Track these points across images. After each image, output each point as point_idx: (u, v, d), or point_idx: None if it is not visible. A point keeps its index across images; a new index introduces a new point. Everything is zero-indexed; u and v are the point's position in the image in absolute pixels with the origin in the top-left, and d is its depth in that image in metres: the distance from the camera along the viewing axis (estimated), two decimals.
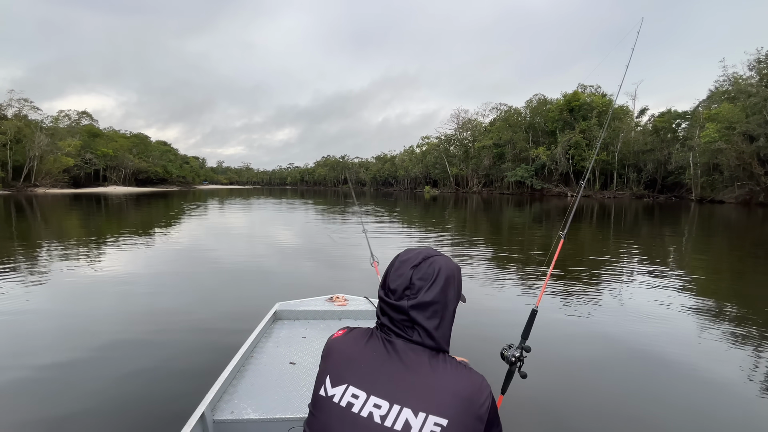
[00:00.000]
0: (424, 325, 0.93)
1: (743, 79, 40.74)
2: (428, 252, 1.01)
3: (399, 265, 0.99)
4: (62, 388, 3.13)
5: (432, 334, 0.93)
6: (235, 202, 34.39)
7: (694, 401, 3.11)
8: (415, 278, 0.95)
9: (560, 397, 3.15)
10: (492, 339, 4.31)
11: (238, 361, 2.27)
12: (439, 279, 0.96)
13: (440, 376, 0.88)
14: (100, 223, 16.49)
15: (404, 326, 0.94)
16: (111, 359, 3.62)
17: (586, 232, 15.39)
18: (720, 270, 8.70)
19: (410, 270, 0.96)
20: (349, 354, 0.96)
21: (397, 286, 0.96)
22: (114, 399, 2.95)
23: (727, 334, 4.56)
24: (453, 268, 1.01)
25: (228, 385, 2.10)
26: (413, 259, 0.98)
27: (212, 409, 1.86)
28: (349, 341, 0.99)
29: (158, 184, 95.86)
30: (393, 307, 0.95)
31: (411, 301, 0.93)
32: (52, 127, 66.68)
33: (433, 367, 0.89)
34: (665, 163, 49.74)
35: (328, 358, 0.99)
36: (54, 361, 3.58)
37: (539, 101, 66.12)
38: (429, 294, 0.94)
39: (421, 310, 0.93)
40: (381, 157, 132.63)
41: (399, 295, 0.95)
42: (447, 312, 0.97)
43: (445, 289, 0.97)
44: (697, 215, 24.50)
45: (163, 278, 6.85)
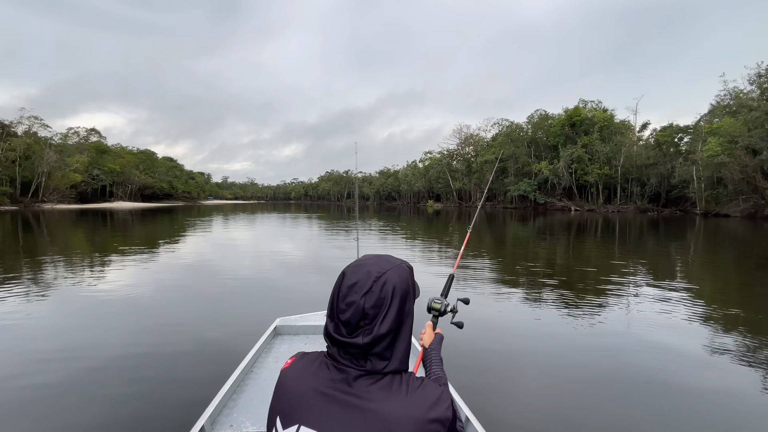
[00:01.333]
0: (381, 355, 0.84)
1: (744, 94, 40.99)
2: (378, 267, 0.88)
3: (347, 291, 0.85)
4: (63, 400, 3.15)
5: (389, 363, 0.85)
6: (239, 217, 34.59)
7: (702, 415, 3.08)
8: (368, 307, 0.83)
9: (565, 408, 3.14)
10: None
11: (238, 376, 2.30)
12: (395, 301, 0.85)
13: (396, 405, 0.80)
14: (107, 238, 16.63)
15: (357, 357, 0.84)
16: (112, 372, 3.65)
17: (591, 245, 15.34)
18: (727, 285, 8.63)
19: (361, 298, 0.83)
20: (297, 389, 0.86)
21: (348, 318, 0.83)
22: (113, 412, 2.96)
23: (735, 348, 4.52)
24: (406, 278, 0.90)
25: (228, 399, 2.12)
26: (362, 283, 0.85)
27: (212, 423, 1.88)
28: (297, 374, 0.89)
29: (164, 200, 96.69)
30: (347, 345, 0.83)
31: (367, 337, 0.82)
32: (61, 143, 67.74)
33: (389, 396, 0.81)
34: (669, 177, 49.65)
35: (276, 395, 0.89)
36: (56, 375, 3.60)
37: (541, 116, 66.61)
38: (385, 324, 0.83)
39: (378, 342, 0.83)
40: (384, 171, 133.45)
41: (352, 328, 0.83)
42: (405, 330, 0.88)
43: (401, 309, 0.86)
44: (703, 229, 24.35)
45: (166, 293, 6.89)
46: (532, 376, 3.80)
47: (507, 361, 4.16)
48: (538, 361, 4.12)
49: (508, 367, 4.00)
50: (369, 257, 0.92)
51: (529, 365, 4.04)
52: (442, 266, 9.91)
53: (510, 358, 4.22)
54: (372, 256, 0.93)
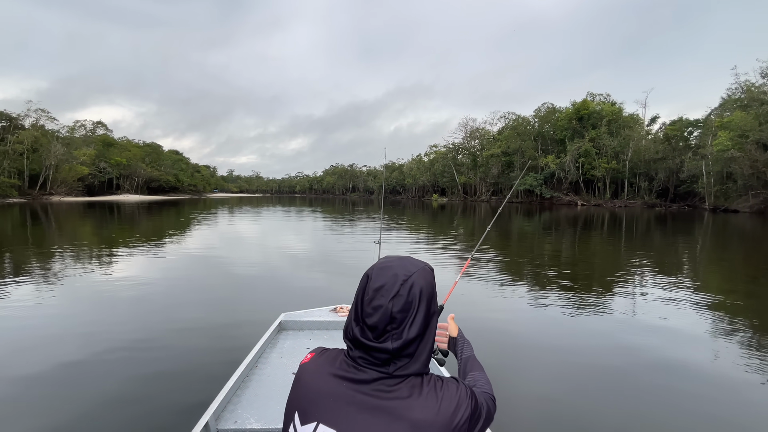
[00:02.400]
0: (407, 359, 0.83)
1: (756, 87, 40.31)
2: (404, 270, 0.86)
3: (373, 295, 0.83)
4: (68, 392, 3.18)
5: (412, 365, 0.83)
6: (244, 211, 34.74)
7: (710, 409, 3.05)
8: (396, 311, 0.81)
9: (572, 401, 3.12)
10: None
11: (242, 372, 2.30)
12: (422, 305, 0.84)
13: (416, 408, 0.78)
14: (115, 230, 16.78)
15: (382, 361, 0.82)
16: (116, 365, 3.68)
17: (597, 240, 15.23)
18: (734, 280, 8.54)
19: (389, 302, 0.81)
20: (317, 386, 0.85)
21: (376, 323, 0.81)
22: (118, 406, 2.97)
23: (742, 341, 4.47)
24: (430, 280, 0.88)
25: (232, 395, 2.12)
26: (389, 286, 0.83)
27: (216, 419, 1.88)
28: (319, 369, 0.87)
29: (170, 193, 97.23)
30: (375, 349, 0.81)
31: (396, 342, 0.81)
32: (68, 136, 68.32)
33: (410, 399, 0.80)
34: (677, 172, 49.09)
35: (296, 389, 0.88)
36: (62, 365, 3.65)
37: (548, 110, 65.95)
38: (414, 328, 0.82)
39: (407, 347, 0.82)
40: (389, 165, 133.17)
41: (380, 333, 0.81)
42: (429, 333, 0.87)
43: (428, 312, 0.85)
44: (711, 225, 24.09)
45: (172, 286, 6.94)
46: (537, 367, 3.79)
47: (511, 352, 4.14)
48: (542, 353, 4.10)
49: (513, 359, 3.98)
50: (392, 259, 0.90)
51: (533, 357, 4.03)
52: (445, 267, 9.89)
53: (515, 350, 4.21)
54: (395, 258, 0.91)
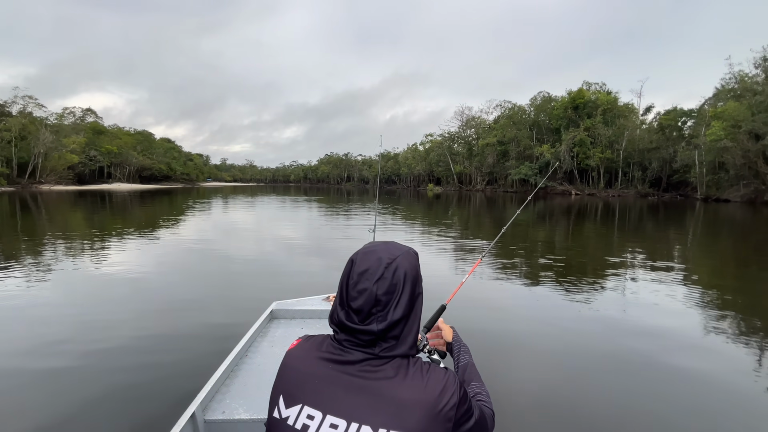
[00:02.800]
0: (393, 340, 0.84)
1: (749, 77, 40.40)
2: (388, 253, 0.88)
3: (358, 279, 0.85)
4: (54, 383, 3.13)
5: (398, 347, 0.85)
6: (238, 200, 34.49)
7: (699, 400, 3.10)
8: (381, 293, 0.83)
9: (567, 389, 3.15)
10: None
11: (232, 361, 2.26)
12: (407, 287, 0.86)
13: (402, 387, 0.80)
14: (106, 220, 16.59)
15: (368, 343, 0.84)
16: (103, 354, 3.63)
17: (590, 229, 15.34)
18: (725, 269, 8.65)
19: (374, 285, 0.83)
20: (303, 369, 0.86)
21: (361, 306, 0.83)
22: (102, 396, 2.91)
23: (730, 328, 4.54)
24: (414, 263, 0.91)
25: (221, 384, 2.08)
26: (374, 269, 0.85)
27: (203, 409, 1.85)
28: (304, 354, 0.89)
29: (162, 181, 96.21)
30: (360, 332, 0.83)
31: (381, 323, 0.82)
32: (56, 124, 66.96)
33: (395, 378, 0.81)
34: (670, 162, 49.35)
35: (281, 375, 0.89)
36: (49, 357, 3.61)
37: (544, 99, 65.73)
38: (398, 309, 0.84)
39: (392, 328, 0.83)
40: (384, 154, 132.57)
41: (365, 316, 0.83)
42: (415, 315, 0.88)
43: (413, 294, 0.87)
44: (703, 214, 24.35)
45: (163, 276, 6.88)
46: (531, 355, 3.82)
47: (505, 339, 4.17)
48: (537, 341, 4.13)
49: (507, 346, 4.01)
50: (377, 244, 0.92)
51: (527, 344, 4.05)
52: (445, 261, 9.89)
53: (509, 337, 4.23)
54: (380, 243, 0.93)
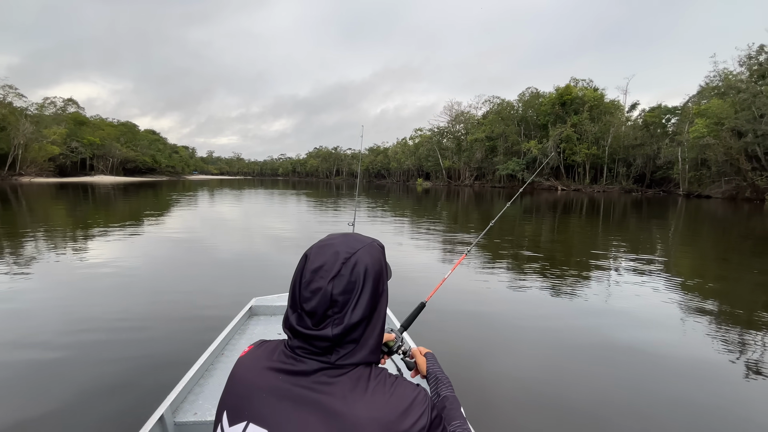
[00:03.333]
0: (351, 345, 0.73)
1: (733, 75, 41.18)
2: (347, 247, 0.76)
3: (311, 277, 0.73)
4: (18, 382, 3.03)
5: (358, 352, 0.73)
6: (225, 193, 34.04)
7: (683, 391, 3.14)
8: (337, 293, 0.71)
9: (551, 381, 3.17)
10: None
11: (206, 360, 2.18)
12: (367, 284, 0.74)
13: (359, 403, 0.69)
14: (88, 212, 16.19)
15: (323, 350, 0.72)
16: (74, 350, 3.52)
17: (575, 224, 15.53)
18: (704, 265, 8.83)
19: (329, 284, 0.71)
20: (250, 381, 0.75)
21: (314, 308, 0.71)
22: (69, 394, 2.80)
23: (710, 319, 4.63)
24: (378, 258, 0.79)
25: (194, 384, 2.01)
26: (329, 266, 0.73)
27: (173, 411, 1.78)
28: (253, 363, 0.78)
29: (146, 174, 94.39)
30: (314, 338, 0.71)
31: (337, 327, 0.71)
32: (37, 114, 64.97)
33: (353, 393, 0.70)
34: (654, 158, 50.25)
35: (227, 387, 0.79)
36: (17, 353, 3.49)
37: (532, 95, 66.08)
38: (357, 311, 0.72)
39: (350, 332, 0.72)
40: (374, 148, 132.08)
41: (319, 319, 0.71)
42: (378, 316, 0.77)
43: (375, 292, 0.75)
44: (684, 210, 24.86)
45: (143, 268, 6.74)
46: (516, 347, 3.83)
47: (490, 333, 4.18)
48: (521, 334, 4.15)
49: (492, 339, 4.02)
50: (335, 236, 0.81)
51: (512, 337, 4.07)
52: (429, 255, 9.90)
53: (494, 330, 4.24)
54: (338, 235, 0.81)
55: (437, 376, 1.06)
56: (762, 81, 36.69)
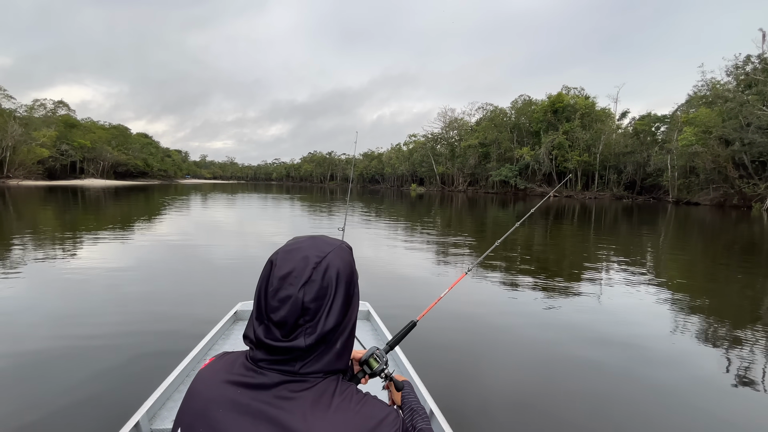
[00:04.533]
0: (321, 346, 0.68)
1: (721, 85, 42.01)
2: (316, 250, 0.71)
3: (279, 284, 0.67)
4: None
5: (324, 361, 0.68)
6: (218, 197, 33.78)
7: (676, 394, 3.15)
8: (308, 300, 0.66)
9: (543, 389, 3.16)
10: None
11: (187, 365, 2.13)
12: (340, 289, 0.69)
13: (320, 421, 0.63)
14: (77, 217, 15.96)
15: (288, 360, 0.67)
16: (55, 359, 3.43)
17: (567, 230, 15.65)
18: (693, 270, 8.93)
19: (299, 291, 0.66)
20: (209, 395, 0.70)
21: (284, 318, 0.66)
22: (42, 403, 2.71)
23: (704, 325, 4.67)
24: (348, 260, 0.75)
25: (173, 390, 1.96)
26: (299, 271, 0.68)
27: (150, 418, 1.74)
28: (213, 376, 0.72)
29: (138, 178, 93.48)
30: (284, 350, 0.66)
31: (310, 337, 0.66)
32: (26, 116, 64.21)
33: (314, 409, 0.64)
34: (644, 165, 50.97)
35: (184, 403, 0.73)
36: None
37: (524, 102, 66.83)
38: (331, 317, 0.67)
39: (324, 341, 0.67)
40: (368, 154, 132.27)
41: (290, 329, 0.66)
42: (350, 321, 0.73)
43: (348, 298, 0.71)
44: (674, 217, 25.19)
45: (130, 273, 6.63)
46: (508, 354, 3.82)
47: (483, 339, 4.16)
48: (514, 341, 4.14)
49: (484, 346, 4.00)
50: (301, 239, 0.76)
51: (505, 344, 4.06)
52: (423, 268, 9.88)
53: (486, 337, 4.23)
54: (305, 238, 0.76)
55: (412, 407, 0.97)
56: (748, 90, 37.45)
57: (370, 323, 3.14)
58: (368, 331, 2.97)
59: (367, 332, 2.95)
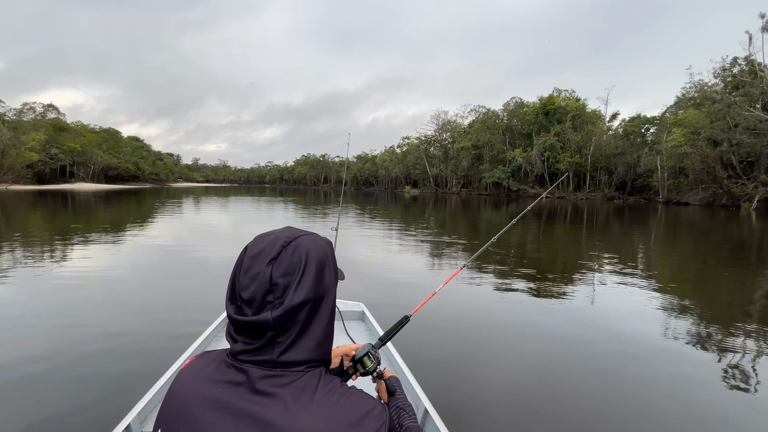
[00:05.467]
0: (295, 330, 0.68)
1: (708, 86, 42.68)
2: (287, 234, 0.73)
3: (249, 263, 0.69)
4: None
5: (304, 343, 0.69)
6: (210, 200, 33.55)
7: (672, 393, 3.19)
8: (277, 275, 0.67)
9: (540, 388, 3.19)
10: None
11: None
12: (310, 266, 0.70)
13: (303, 415, 0.63)
14: (68, 221, 15.76)
15: (264, 346, 0.67)
16: (45, 359, 3.40)
17: (560, 230, 15.77)
18: (685, 271, 9.06)
19: (267, 266, 0.67)
20: (189, 395, 0.70)
21: (253, 293, 0.67)
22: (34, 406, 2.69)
23: (699, 323, 4.74)
24: (323, 246, 0.76)
25: (164, 393, 1.95)
26: (268, 250, 0.69)
27: (142, 420, 1.72)
28: (191, 376, 0.72)
29: (129, 182, 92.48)
30: (253, 325, 0.66)
31: (277, 309, 0.66)
32: (15, 120, 63.33)
33: (297, 403, 0.64)
34: (635, 166, 51.57)
35: (164, 404, 0.74)
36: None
37: (516, 104, 67.34)
38: (300, 292, 0.67)
39: (292, 316, 0.67)
40: (362, 156, 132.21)
41: (259, 305, 0.66)
42: (326, 306, 0.73)
43: (320, 277, 0.71)
44: (664, 216, 25.50)
45: (120, 277, 6.57)
46: (504, 354, 3.85)
47: (478, 340, 4.19)
48: (509, 340, 4.17)
49: (479, 347, 4.03)
50: (276, 229, 0.78)
51: (500, 344, 4.09)
52: (418, 266, 9.91)
53: (482, 338, 4.25)
54: (280, 228, 0.78)
55: (398, 405, 0.96)
56: (736, 92, 38.10)
57: (365, 323, 3.14)
58: (363, 331, 2.97)
59: (361, 332, 2.95)
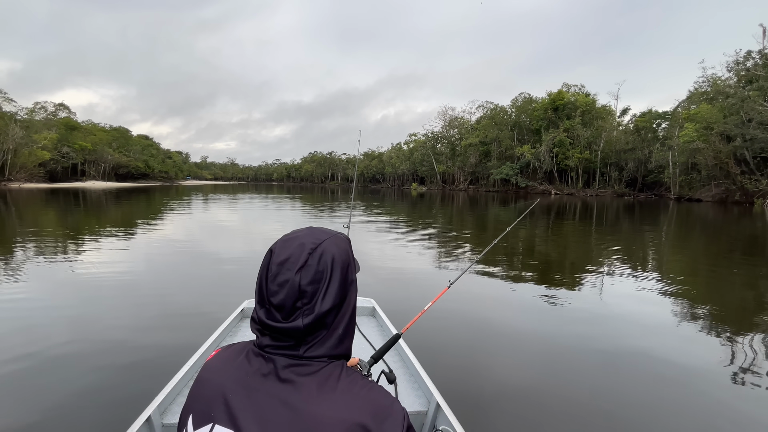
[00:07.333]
0: (322, 333, 0.73)
1: (722, 81, 41.90)
2: (312, 239, 0.76)
3: (278, 270, 0.73)
4: (8, 391, 2.95)
5: (327, 344, 0.73)
6: (219, 198, 33.84)
7: (670, 395, 3.15)
8: (305, 283, 0.71)
9: (552, 386, 3.16)
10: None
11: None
12: (335, 273, 0.74)
13: (326, 402, 0.67)
14: (80, 218, 15.99)
15: (292, 345, 0.72)
16: (64, 355, 3.45)
17: (569, 227, 15.63)
18: (696, 267, 8.91)
19: (296, 275, 0.71)
20: (217, 383, 0.74)
21: (282, 301, 0.71)
22: (57, 400, 2.74)
23: (710, 323, 4.66)
24: (345, 247, 0.80)
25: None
26: (295, 257, 0.73)
27: (161, 412, 1.76)
28: (220, 365, 0.77)
29: (139, 179, 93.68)
30: (284, 331, 0.71)
31: (307, 317, 0.71)
32: (27, 119, 64.35)
33: (321, 390, 0.68)
34: (646, 162, 50.86)
35: (193, 392, 0.77)
36: (11, 355, 3.41)
37: (525, 100, 66.70)
38: (328, 299, 0.72)
39: (321, 320, 0.72)
40: (369, 153, 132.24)
41: (289, 311, 0.71)
42: (349, 306, 0.77)
43: (345, 282, 0.75)
44: (676, 213, 25.14)
45: (136, 273, 6.65)
46: (515, 353, 3.82)
47: (488, 339, 4.16)
48: (520, 339, 4.14)
49: (490, 346, 4.01)
50: (299, 230, 0.82)
51: (511, 343, 4.06)
52: (416, 270, 9.88)
53: (492, 336, 4.23)
54: (303, 229, 0.82)
55: None
56: (749, 86, 37.35)
57: (376, 319, 3.14)
58: (374, 327, 2.97)
59: (372, 328, 2.95)
